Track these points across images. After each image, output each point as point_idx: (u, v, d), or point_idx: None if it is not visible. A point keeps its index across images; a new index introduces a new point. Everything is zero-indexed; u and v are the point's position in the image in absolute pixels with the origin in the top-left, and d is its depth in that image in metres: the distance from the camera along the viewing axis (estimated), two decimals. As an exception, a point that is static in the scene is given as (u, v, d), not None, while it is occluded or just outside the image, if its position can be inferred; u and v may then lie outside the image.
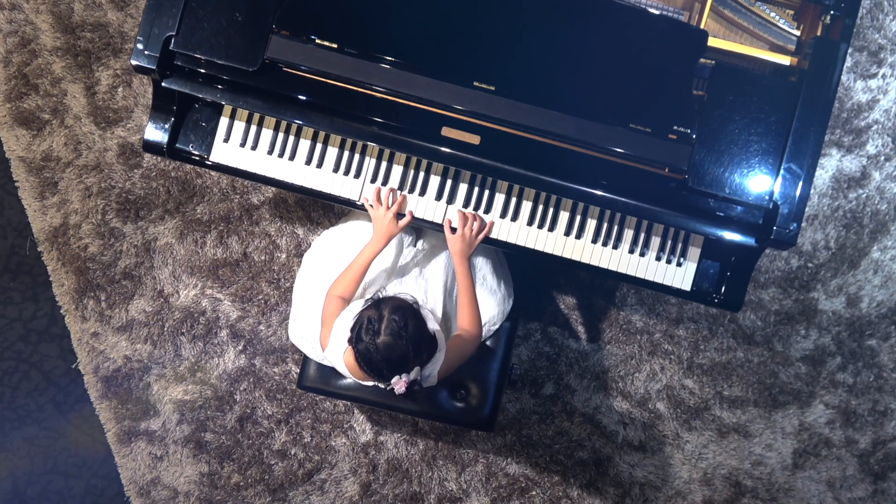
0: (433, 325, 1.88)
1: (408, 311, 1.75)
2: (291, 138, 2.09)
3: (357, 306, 1.85)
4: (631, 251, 2.09)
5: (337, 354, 1.88)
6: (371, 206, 2.04)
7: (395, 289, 2.09)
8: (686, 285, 2.09)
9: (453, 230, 2.04)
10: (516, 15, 1.91)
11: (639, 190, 1.95)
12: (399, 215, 2.05)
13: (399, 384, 1.72)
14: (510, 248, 2.09)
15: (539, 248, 2.09)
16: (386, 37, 1.92)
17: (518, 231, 2.09)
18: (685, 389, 2.72)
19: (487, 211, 2.08)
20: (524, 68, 1.91)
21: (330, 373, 2.21)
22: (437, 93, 1.92)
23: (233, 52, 1.92)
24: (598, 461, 2.72)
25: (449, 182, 2.08)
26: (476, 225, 2.03)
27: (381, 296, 1.84)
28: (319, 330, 1.98)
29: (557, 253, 2.09)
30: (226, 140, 2.09)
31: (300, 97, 1.95)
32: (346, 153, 2.09)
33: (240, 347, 2.71)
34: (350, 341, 1.78)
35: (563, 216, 2.09)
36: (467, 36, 1.92)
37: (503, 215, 2.09)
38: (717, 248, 2.08)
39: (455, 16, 1.91)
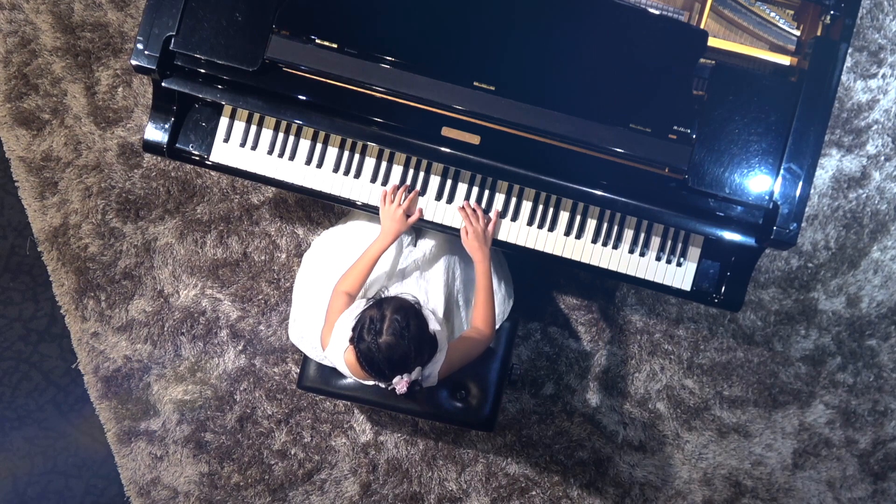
0: (434, 326, 1.88)
1: (410, 312, 1.75)
2: (291, 138, 2.09)
3: (359, 306, 1.85)
4: (631, 251, 2.09)
5: (338, 353, 1.88)
6: (382, 202, 2.05)
7: (396, 289, 2.09)
8: (686, 285, 2.09)
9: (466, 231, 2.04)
10: (516, 15, 1.91)
11: (639, 190, 1.95)
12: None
13: (400, 384, 1.72)
14: (510, 248, 2.09)
15: (539, 248, 2.09)
16: (386, 37, 1.92)
17: (518, 231, 2.09)
18: (685, 389, 2.72)
19: (487, 210, 2.08)
20: (524, 68, 1.91)
21: (330, 373, 2.21)
22: (437, 93, 1.92)
23: (233, 52, 1.92)
24: (598, 461, 2.72)
25: (449, 182, 2.08)
26: (480, 214, 2.04)
27: (383, 296, 1.83)
28: (320, 330, 1.98)
29: (557, 253, 2.09)
30: (226, 140, 2.09)
31: (300, 97, 1.95)
32: (346, 153, 2.09)
33: (240, 347, 2.71)
34: (352, 341, 1.78)
35: (563, 216, 2.09)
36: (467, 36, 1.92)
37: (503, 215, 2.09)
38: (717, 248, 2.08)
39: (455, 16, 1.91)
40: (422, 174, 2.08)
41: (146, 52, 1.91)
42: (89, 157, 2.71)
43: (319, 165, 2.09)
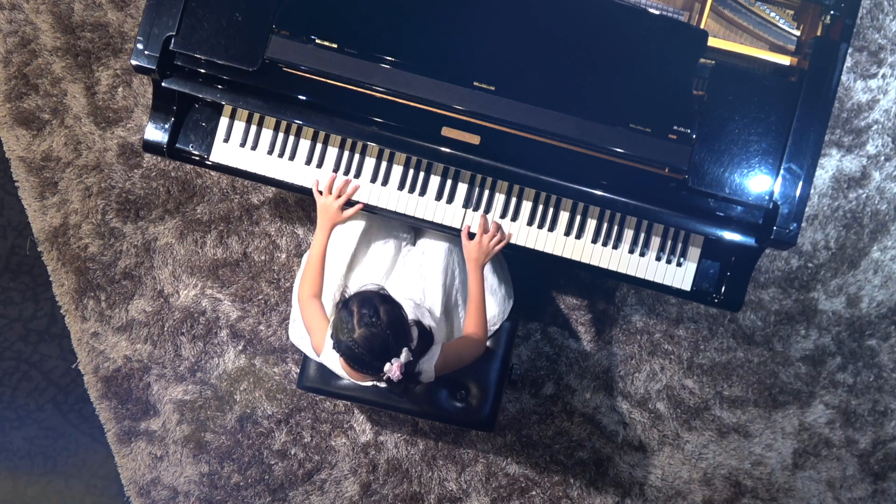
0: (429, 322, 1.87)
1: (375, 299, 1.76)
2: (291, 138, 2.09)
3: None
4: (631, 251, 2.09)
5: (332, 359, 1.88)
6: (319, 192, 2.04)
7: (394, 288, 2.09)
8: (686, 285, 2.09)
9: (471, 236, 2.04)
10: (516, 15, 1.91)
11: (639, 190, 1.95)
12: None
13: (392, 370, 1.72)
14: (510, 248, 2.09)
15: (539, 248, 2.09)
16: (386, 37, 1.92)
17: (518, 231, 2.09)
18: (685, 389, 2.72)
19: (487, 210, 2.08)
20: (524, 68, 1.91)
21: (330, 373, 2.21)
22: (437, 93, 1.92)
23: (233, 52, 1.92)
24: (598, 461, 2.72)
25: (449, 182, 2.08)
26: (497, 235, 2.03)
27: (346, 296, 1.84)
28: (310, 337, 1.98)
29: (557, 253, 2.09)
30: (226, 140, 2.09)
31: (300, 97, 1.95)
32: (346, 153, 2.09)
33: (240, 347, 2.71)
34: (333, 347, 1.79)
35: (563, 216, 2.09)
36: (467, 36, 1.92)
37: (503, 215, 2.09)
38: (717, 248, 2.08)
39: (455, 16, 1.91)
40: (422, 174, 2.08)
41: (146, 52, 1.91)
42: (89, 157, 2.71)
43: (319, 165, 2.09)
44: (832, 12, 1.95)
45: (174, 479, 2.74)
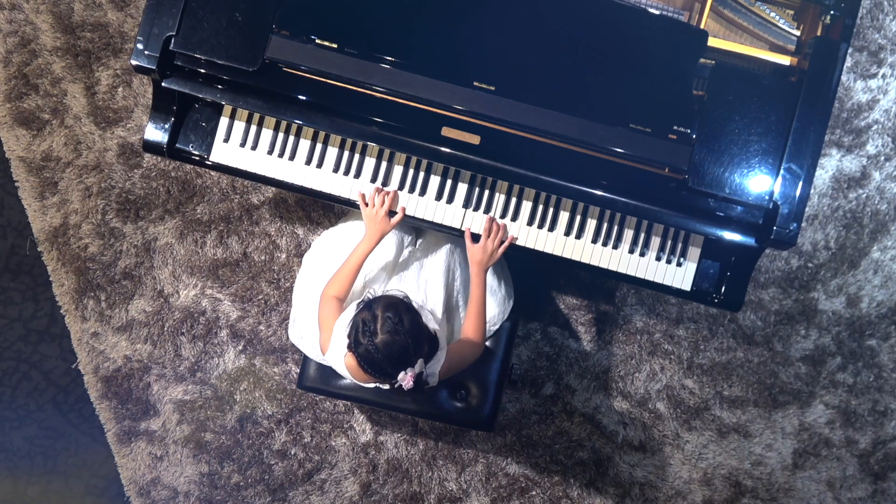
0: (433, 325, 1.88)
1: (400, 307, 1.76)
2: (291, 138, 2.09)
3: (351, 311, 1.85)
4: (631, 251, 2.09)
5: (338, 358, 1.88)
6: (365, 204, 2.05)
7: (395, 288, 2.09)
8: (686, 285, 2.09)
9: (474, 238, 2.04)
10: (516, 15, 1.91)
11: (639, 190, 1.95)
12: (392, 214, 2.05)
13: (406, 379, 1.72)
14: (510, 248, 2.09)
15: (539, 248, 2.09)
16: (386, 37, 1.92)
17: (518, 231, 2.09)
18: (685, 389, 2.72)
19: (487, 210, 2.08)
20: (524, 68, 1.91)
21: (330, 373, 2.21)
22: (437, 93, 1.91)
23: (233, 52, 1.92)
24: (598, 461, 2.72)
25: (449, 182, 2.08)
26: (500, 236, 2.03)
27: (370, 297, 1.84)
28: (319, 331, 1.98)
29: (557, 253, 2.09)
30: (226, 140, 2.09)
31: (300, 97, 1.95)
32: (346, 153, 2.09)
33: (240, 347, 2.71)
34: (349, 347, 1.78)
35: (563, 216, 2.09)
36: (467, 36, 1.92)
37: (503, 215, 2.09)
38: (717, 248, 2.08)
39: (455, 16, 1.91)
40: (422, 174, 2.08)
41: (146, 52, 1.91)
42: (89, 157, 2.71)
43: (319, 165, 2.09)
44: (832, 12, 1.95)
45: (174, 479, 2.74)
